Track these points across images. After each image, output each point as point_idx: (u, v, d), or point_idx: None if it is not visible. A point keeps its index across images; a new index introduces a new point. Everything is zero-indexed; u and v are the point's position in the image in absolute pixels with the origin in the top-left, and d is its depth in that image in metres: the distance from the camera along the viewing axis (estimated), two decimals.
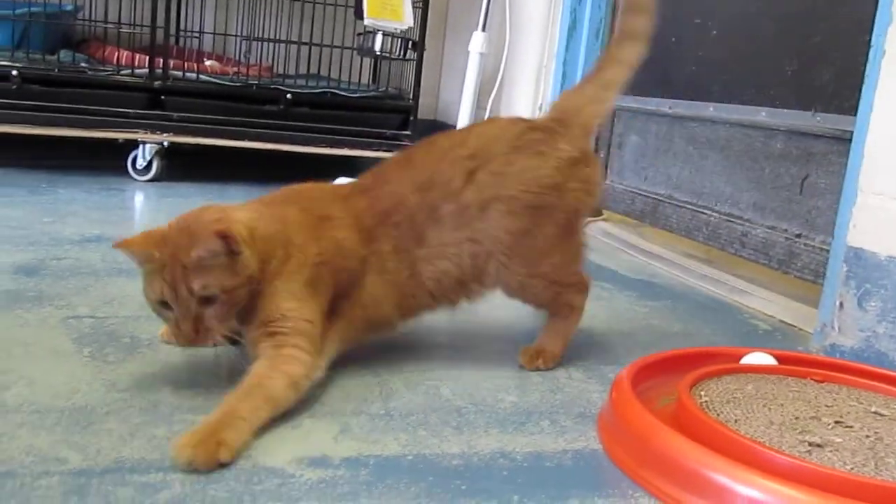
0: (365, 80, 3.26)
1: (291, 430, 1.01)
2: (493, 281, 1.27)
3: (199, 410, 1.03)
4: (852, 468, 0.93)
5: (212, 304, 1.05)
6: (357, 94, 2.96)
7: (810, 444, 0.99)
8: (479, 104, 2.75)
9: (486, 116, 2.76)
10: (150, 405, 1.04)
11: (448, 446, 1.01)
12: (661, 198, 2.40)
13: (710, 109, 2.19)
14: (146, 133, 2.67)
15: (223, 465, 0.89)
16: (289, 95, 2.81)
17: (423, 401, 1.14)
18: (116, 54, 2.82)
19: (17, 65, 2.62)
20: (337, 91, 2.91)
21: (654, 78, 2.41)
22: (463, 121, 2.69)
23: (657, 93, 2.40)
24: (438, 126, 3.72)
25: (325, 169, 2.48)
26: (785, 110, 1.94)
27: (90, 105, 2.66)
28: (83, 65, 2.76)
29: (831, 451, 0.97)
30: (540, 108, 2.79)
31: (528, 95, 2.86)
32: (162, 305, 1.06)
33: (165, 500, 0.82)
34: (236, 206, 1.18)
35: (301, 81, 2.93)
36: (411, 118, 2.99)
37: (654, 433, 0.99)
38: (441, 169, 1.25)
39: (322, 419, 1.05)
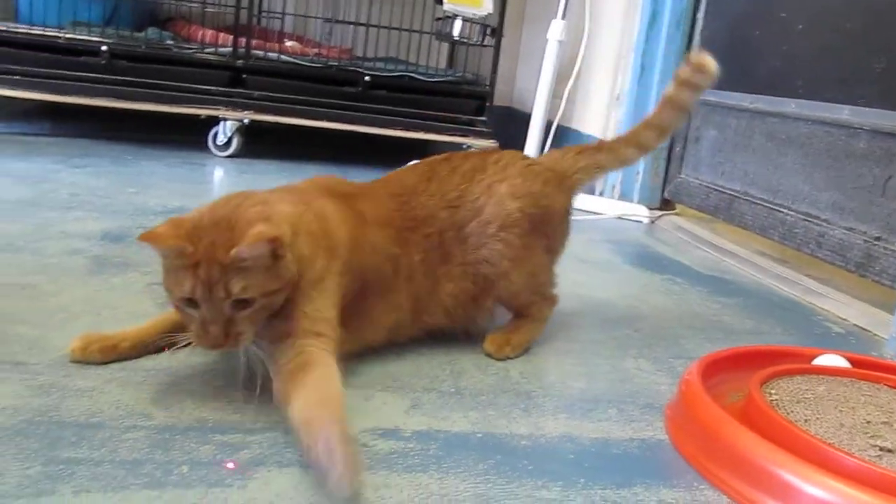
0: (442, 64, 3.28)
1: (364, 401, 1.04)
2: (498, 297, 1.29)
3: None
4: None
5: (247, 307, 0.96)
6: (434, 79, 2.98)
7: (881, 449, 0.97)
8: (554, 93, 2.74)
9: (563, 105, 2.75)
10: (230, 369, 1.08)
11: (516, 427, 1.02)
12: (736, 194, 2.37)
13: (791, 106, 2.15)
14: (227, 110, 2.74)
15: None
16: (367, 78, 2.85)
17: (492, 382, 1.16)
18: (201, 33, 2.89)
19: (106, 41, 2.70)
20: (415, 75, 2.93)
21: (734, 72, 2.38)
22: (539, 109, 2.69)
23: (738, 87, 2.37)
24: (513, 113, 3.73)
25: (399, 152, 2.51)
26: (869, 109, 1.90)
27: (174, 81, 2.73)
28: (169, 42, 2.84)
29: None
30: (617, 98, 2.77)
31: (606, 86, 2.85)
32: (187, 303, 0.96)
33: (245, 460, 0.86)
34: (276, 194, 1.09)
35: (380, 64, 2.97)
36: (487, 104, 3.00)
37: (724, 428, 0.99)
38: (470, 190, 1.27)
39: (394, 393, 1.08)
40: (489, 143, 2.90)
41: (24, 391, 0.96)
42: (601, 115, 2.87)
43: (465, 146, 2.90)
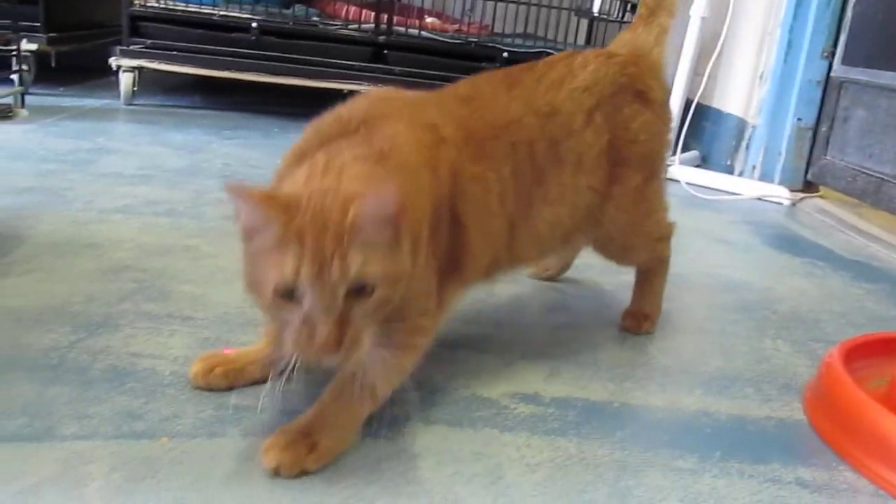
0: (581, 41, 3.27)
1: (505, 367, 1.08)
2: (600, 234, 1.16)
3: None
4: None
5: (366, 298, 0.74)
6: None
7: None
8: (696, 70, 2.70)
9: (703, 83, 2.70)
10: None
11: (653, 400, 1.04)
12: (885, 177, 2.28)
13: None
14: (370, 85, 2.82)
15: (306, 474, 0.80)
16: (505, 54, 2.87)
17: (629, 356, 1.18)
18: (345, 9, 2.98)
19: (256, 17, 2.82)
20: (553, 51, 2.94)
21: (888, 50, 2.28)
22: (679, 86, 2.65)
23: (890, 66, 2.27)
24: None
25: None
26: None
27: (319, 57, 2.82)
28: (315, 19, 2.94)
29: None
30: (760, 77, 2.70)
31: (750, 63, 2.78)
32: (285, 298, 0.74)
33: (395, 415, 0.91)
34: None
35: (518, 41, 2.98)
36: None
37: (867, 412, 0.98)
38: (560, 99, 1.10)
39: (533, 361, 1.11)
40: None
41: (193, 343, 1.04)
42: (743, 93, 2.80)
43: None
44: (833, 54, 2.55)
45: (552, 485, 0.82)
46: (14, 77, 2.51)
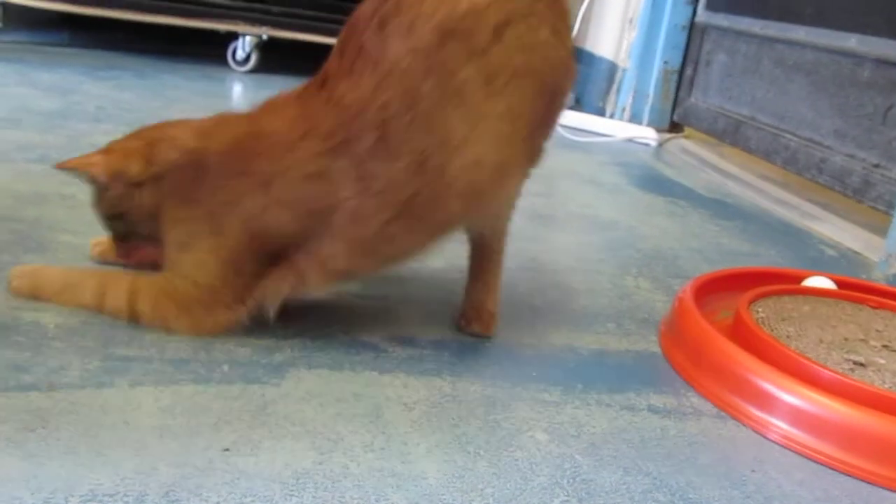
0: None
1: (383, 312, 1.14)
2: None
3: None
4: (891, 387, 1.01)
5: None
6: None
7: (854, 363, 1.07)
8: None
9: (576, 26, 2.78)
10: None
11: (522, 338, 1.12)
12: (743, 118, 2.42)
13: (801, 33, 2.19)
14: (246, 25, 2.78)
15: None
16: None
17: (501, 296, 1.24)
18: None
19: None
20: None
21: None
22: None
23: (749, 12, 2.40)
24: None
25: None
26: (876, 38, 1.94)
27: None
28: None
29: (873, 371, 1.05)
30: (630, 22, 2.79)
31: (620, 7, 2.87)
32: None
33: (279, 361, 0.96)
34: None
35: None
36: None
37: (710, 341, 1.09)
38: (457, 11, 0.91)
39: (410, 305, 1.18)
40: None
41: None
42: (614, 37, 2.90)
43: None
44: (698, 0, 2.67)
45: (427, 421, 0.88)
46: None
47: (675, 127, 2.79)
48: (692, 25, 2.70)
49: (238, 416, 0.84)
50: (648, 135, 2.64)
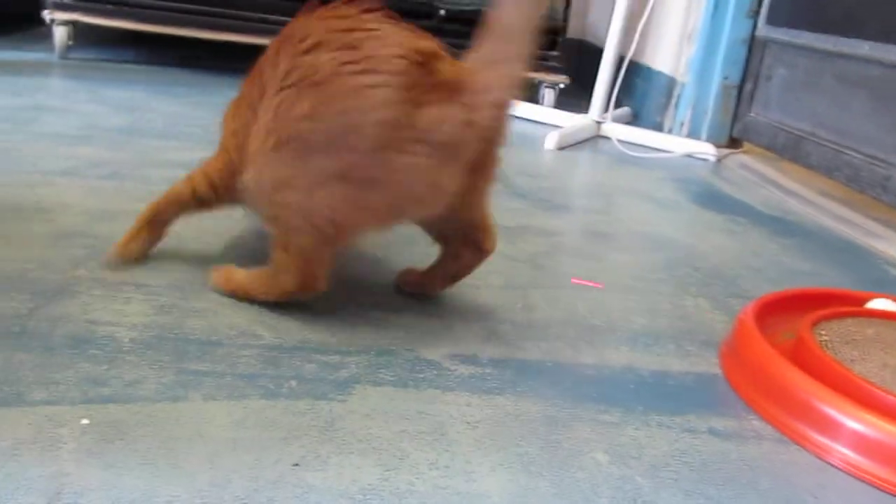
0: None
1: (445, 330, 1.16)
2: None
3: (367, 305, 1.18)
4: None
5: None
6: None
7: None
8: (628, 28, 2.77)
9: (635, 41, 2.77)
10: (325, 296, 1.20)
11: (583, 358, 1.13)
12: (804, 134, 2.40)
13: (864, 48, 2.16)
14: None
15: None
16: (442, 12, 2.90)
17: (561, 316, 1.26)
18: None
19: None
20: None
21: (807, 11, 2.38)
22: (611, 46, 2.72)
23: (810, 26, 2.38)
24: (586, 46, 3.74)
25: None
26: None
27: (261, 13, 2.81)
28: None
29: None
30: (689, 36, 2.78)
31: (679, 21, 2.86)
32: None
33: (344, 378, 0.98)
34: None
35: None
36: (559, 38, 3.04)
37: (772, 364, 1.08)
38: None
39: (472, 322, 1.19)
40: (561, 79, 2.95)
41: (149, 310, 1.09)
42: (673, 52, 2.89)
43: (536, 81, 2.96)
44: (758, 14, 2.65)
45: (490, 440, 0.90)
46: None
47: (734, 142, 2.77)
48: (752, 40, 2.69)
49: (306, 432, 0.87)
50: (707, 150, 2.63)
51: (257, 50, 1.21)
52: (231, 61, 3.05)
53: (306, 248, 1.05)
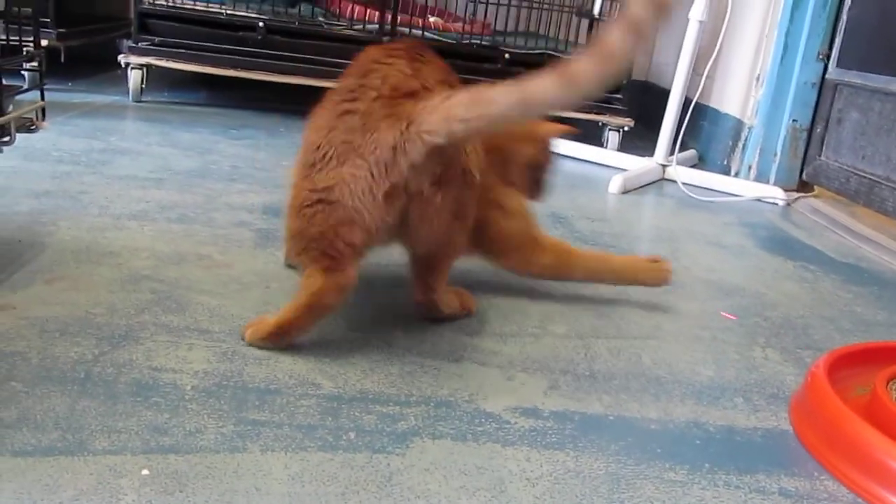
0: (582, 40, 3.31)
1: (506, 381, 1.14)
2: None
3: (426, 354, 1.18)
4: None
5: None
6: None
7: None
8: (694, 69, 2.74)
9: (702, 83, 2.74)
10: (385, 344, 1.20)
11: (647, 411, 1.11)
12: (878, 179, 2.33)
13: None
14: None
15: None
16: (507, 56, 2.92)
17: (624, 367, 1.24)
18: (350, 8, 3.02)
19: (262, 17, 2.86)
20: (553, 52, 2.98)
21: (882, 54, 2.33)
22: (677, 89, 2.70)
23: (884, 69, 2.32)
24: (650, 87, 3.72)
25: None
26: None
27: (324, 56, 2.87)
28: (320, 18, 2.98)
29: None
30: (757, 79, 2.75)
31: (747, 64, 2.83)
32: None
33: (403, 430, 0.97)
34: None
35: (520, 40, 3.03)
36: (624, 81, 3.03)
37: (846, 422, 1.04)
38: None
39: (533, 374, 1.17)
40: (625, 121, 2.94)
41: (211, 356, 1.10)
42: (741, 94, 2.85)
43: (600, 124, 2.95)
44: (828, 57, 2.61)
45: (550, 498, 0.88)
46: (25, 74, 2.55)
47: (804, 186, 2.71)
48: (822, 82, 2.63)
49: (364, 486, 0.86)
50: (776, 194, 2.57)
51: (319, 91, 1.24)
52: (295, 103, 3.12)
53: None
